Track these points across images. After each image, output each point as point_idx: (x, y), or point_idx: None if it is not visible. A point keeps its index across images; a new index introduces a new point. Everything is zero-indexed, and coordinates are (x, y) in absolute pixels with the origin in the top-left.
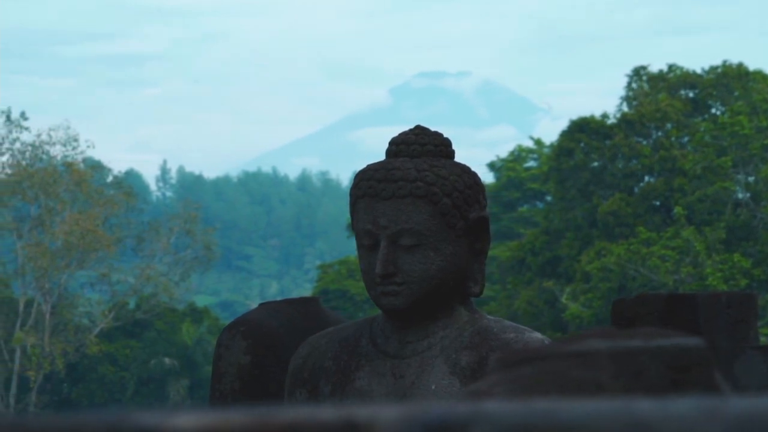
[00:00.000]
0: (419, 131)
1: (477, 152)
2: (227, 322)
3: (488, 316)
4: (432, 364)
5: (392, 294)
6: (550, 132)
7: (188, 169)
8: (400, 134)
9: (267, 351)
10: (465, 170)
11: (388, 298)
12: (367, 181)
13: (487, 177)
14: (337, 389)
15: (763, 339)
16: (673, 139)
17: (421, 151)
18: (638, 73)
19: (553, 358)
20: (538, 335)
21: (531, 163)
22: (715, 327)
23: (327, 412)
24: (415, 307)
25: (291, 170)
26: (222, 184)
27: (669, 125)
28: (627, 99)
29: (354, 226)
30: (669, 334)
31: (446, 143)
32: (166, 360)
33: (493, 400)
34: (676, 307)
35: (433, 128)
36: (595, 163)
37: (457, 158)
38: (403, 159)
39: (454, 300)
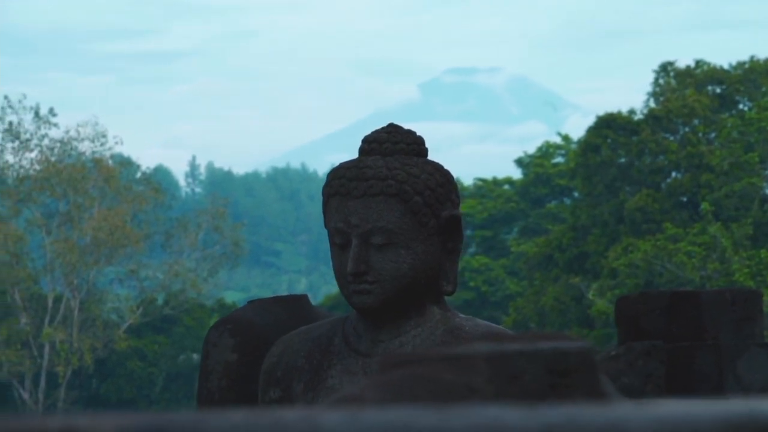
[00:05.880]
0: (391, 129)
1: (507, 148)
2: None
3: (461, 315)
4: None
5: (364, 292)
6: (580, 128)
7: (217, 164)
8: (373, 132)
9: (254, 349)
10: (437, 168)
11: (359, 297)
12: (338, 179)
13: (515, 173)
14: (310, 388)
15: None
16: (700, 134)
17: (393, 149)
18: (665, 68)
19: (428, 362)
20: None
21: (558, 159)
22: (719, 324)
23: (53, 420)
24: (387, 305)
25: (320, 166)
26: (251, 179)
27: (696, 121)
28: (654, 95)
29: (326, 225)
30: (554, 337)
31: (419, 141)
32: (195, 356)
33: (234, 413)
34: (680, 305)
35: (463, 124)
36: (622, 159)
37: (488, 154)
38: (374, 157)
39: (427, 299)
